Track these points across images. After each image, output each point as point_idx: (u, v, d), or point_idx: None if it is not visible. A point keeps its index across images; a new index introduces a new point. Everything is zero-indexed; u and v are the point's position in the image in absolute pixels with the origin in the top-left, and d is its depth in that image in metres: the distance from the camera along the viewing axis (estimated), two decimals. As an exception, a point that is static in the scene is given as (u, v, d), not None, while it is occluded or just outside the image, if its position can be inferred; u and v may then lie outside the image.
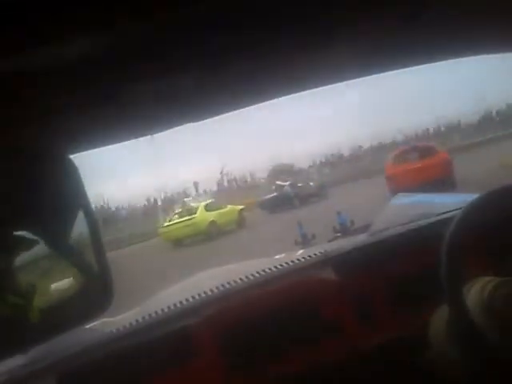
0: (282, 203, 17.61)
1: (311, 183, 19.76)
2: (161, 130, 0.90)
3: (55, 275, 0.71)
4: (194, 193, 24.75)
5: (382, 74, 0.98)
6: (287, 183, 19.78)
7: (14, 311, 0.62)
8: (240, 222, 15.75)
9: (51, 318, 0.66)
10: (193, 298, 1.23)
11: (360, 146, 28.58)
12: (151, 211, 22.84)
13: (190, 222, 14.73)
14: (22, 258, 0.66)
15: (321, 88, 0.97)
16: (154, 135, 0.91)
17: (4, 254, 0.63)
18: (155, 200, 24.45)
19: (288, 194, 18.64)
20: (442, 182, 11.68)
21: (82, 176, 0.66)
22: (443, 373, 0.99)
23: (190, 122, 0.90)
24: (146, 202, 24.63)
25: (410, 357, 1.07)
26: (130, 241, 17.76)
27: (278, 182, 20.76)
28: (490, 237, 1.17)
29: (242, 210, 16.60)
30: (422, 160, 12.81)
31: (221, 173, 26.65)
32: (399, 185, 11.27)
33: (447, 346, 0.95)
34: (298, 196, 17.74)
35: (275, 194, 19.13)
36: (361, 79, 0.99)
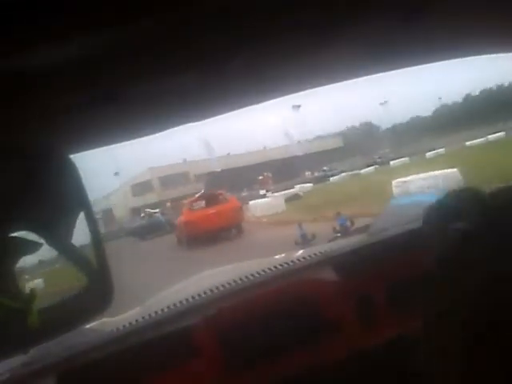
0: (153, 230, 19.60)
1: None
2: (161, 130, 0.90)
3: (56, 275, 0.71)
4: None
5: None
6: (157, 210, 22.45)
7: (13, 316, 0.62)
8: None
9: (51, 318, 0.66)
10: (193, 298, 1.23)
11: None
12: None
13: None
14: (22, 260, 0.66)
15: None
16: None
17: (5, 255, 0.63)
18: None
19: (159, 220, 20.83)
20: (235, 226, 13.47)
21: (82, 176, 0.66)
22: (443, 373, 0.99)
23: (190, 122, 0.91)
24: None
25: (409, 357, 1.07)
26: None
27: (148, 210, 23.53)
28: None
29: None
30: (216, 206, 14.27)
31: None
32: (196, 230, 12.78)
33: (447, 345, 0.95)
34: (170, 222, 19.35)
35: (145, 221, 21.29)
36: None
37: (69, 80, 0.61)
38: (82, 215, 0.67)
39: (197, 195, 15.87)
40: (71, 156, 0.67)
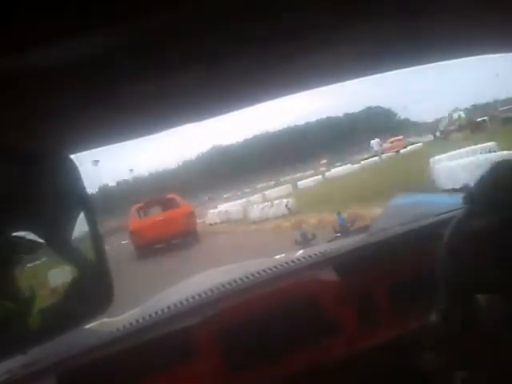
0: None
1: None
2: (161, 130, 0.90)
3: (56, 276, 0.71)
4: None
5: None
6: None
7: (13, 317, 0.62)
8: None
9: (51, 318, 0.66)
10: (193, 298, 1.23)
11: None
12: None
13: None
14: (22, 260, 0.66)
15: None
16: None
17: (4, 256, 0.63)
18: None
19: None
20: (187, 234, 12.05)
21: (82, 175, 0.66)
22: (443, 373, 0.99)
23: (190, 121, 0.90)
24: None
25: (409, 357, 1.07)
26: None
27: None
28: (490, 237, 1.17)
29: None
30: (165, 212, 12.90)
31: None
32: (143, 239, 11.47)
33: (447, 345, 0.95)
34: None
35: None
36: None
37: (68, 80, 0.61)
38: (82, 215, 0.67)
39: (143, 200, 14.40)
40: (71, 156, 0.67)
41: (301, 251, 1.60)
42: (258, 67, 0.78)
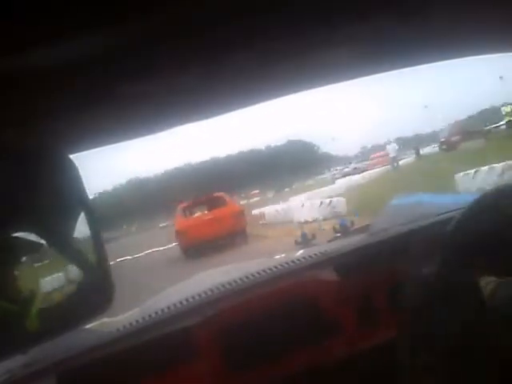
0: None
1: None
2: (161, 130, 0.90)
3: (56, 276, 0.71)
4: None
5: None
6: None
7: (12, 317, 0.62)
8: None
9: (51, 318, 0.66)
10: (193, 298, 1.23)
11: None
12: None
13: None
14: (22, 260, 0.66)
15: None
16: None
17: (4, 256, 0.63)
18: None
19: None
20: (236, 234, 11.35)
21: (82, 175, 0.66)
22: (443, 373, 0.99)
23: (190, 121, 0.90)
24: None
25: (409, 357, 1.07)
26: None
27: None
28: (490, 237, 1.17)
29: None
30: (213, 211, 12.23)
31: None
32: (190, 239, 10.94)
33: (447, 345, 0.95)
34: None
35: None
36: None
37: (68, 80, 0.61)
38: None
39: (191, 199, 13.70)
40: (71, 156, 0.67)
41: (301, 251, 1.60)
42: (259, 67, 0.78)
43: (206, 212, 12.56)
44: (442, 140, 22.98)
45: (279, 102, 0.99)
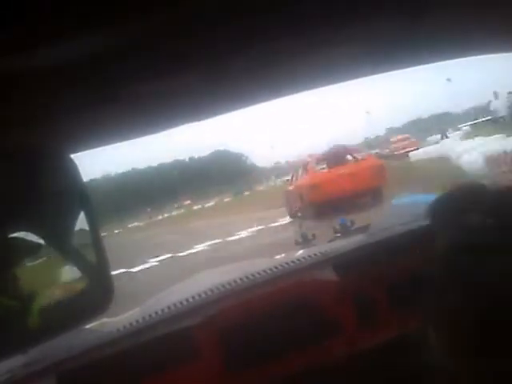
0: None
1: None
2: (161, 130, 0.90)
3: (56, 275, 0.71)
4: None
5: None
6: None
7: (13, 316, 0.62)
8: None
9: (51, 318, 0.66)
10: (193, 298, 1.23)
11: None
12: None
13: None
14: (23, 260, 0.66)
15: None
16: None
17: (5, 255, 0.63)
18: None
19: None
20: (374, 191, 10.22)
21: (82, 175, 0.66)
22: (443, 373, 0.99)
23: (190, 121, 0.90)
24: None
25: (409, 357, 1.07)
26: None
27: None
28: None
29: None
30: (349, 165, 11.06)
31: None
32: (323, 195, 9.89)
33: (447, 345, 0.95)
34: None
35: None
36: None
37: (68, 80, 0.61)
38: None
39: (322, 152, 12.07)
40: (71, 156, 0.68)
41: (301, 251, 1.60)
42: (259, 67, 0.78)
43: (341, 166, 11.16)
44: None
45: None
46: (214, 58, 0.70)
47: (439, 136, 21.96)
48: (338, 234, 2.31)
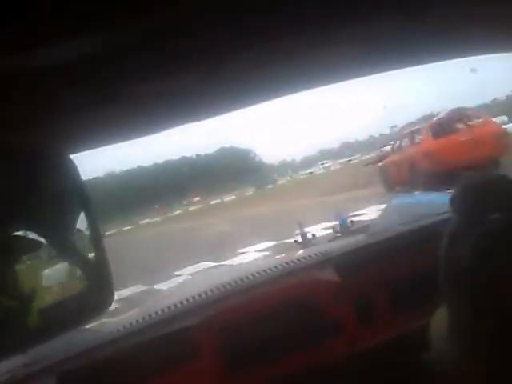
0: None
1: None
2: (161, 130, 0.90)
3: (56, 275, 0.71)
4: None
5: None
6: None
7: (11, 315, 0.62)
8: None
9: (51, 318, 0.66)
10: (193, 298, 1.23)
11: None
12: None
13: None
14: (23, 260, 0.66)
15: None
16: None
17: (5, 255, 0.63)
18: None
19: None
20: (495, 160, 8.77)
21: (81, 175, 0.66)
22: (443, 373, 0.99)
23: (190, 121, 0.90)
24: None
25: (409, 357, 1.07)
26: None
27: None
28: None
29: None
30: (470, 131, 9.51)
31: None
32: (441, 163, 8.71)
33: (447, 346, 0.95)
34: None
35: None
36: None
37: (69, 80, 0.61)
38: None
39: (439, 115, 10.48)
40: (71, 156, 0.68)
41: (301, 251, 1.60)
42: (259, 67, 0.78)
43: (461, 132, 9.71)
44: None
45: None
46: (214, 58, 0.70)
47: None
48: (338, 234, 2.31)
